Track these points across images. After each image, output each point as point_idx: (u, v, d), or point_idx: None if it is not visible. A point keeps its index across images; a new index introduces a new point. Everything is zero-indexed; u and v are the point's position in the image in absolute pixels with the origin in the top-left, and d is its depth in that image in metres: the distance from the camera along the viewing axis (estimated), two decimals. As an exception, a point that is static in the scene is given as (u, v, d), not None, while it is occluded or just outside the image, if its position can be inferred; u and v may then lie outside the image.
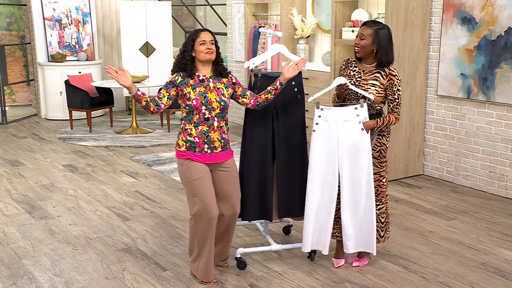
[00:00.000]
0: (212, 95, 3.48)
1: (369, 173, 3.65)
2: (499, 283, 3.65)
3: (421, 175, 6.06)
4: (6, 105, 9.95)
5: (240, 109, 8.69)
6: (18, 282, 3.68)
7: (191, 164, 3.47)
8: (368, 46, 3.67)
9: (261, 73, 3.78)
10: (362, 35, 3.68)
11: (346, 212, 3.69)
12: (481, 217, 4.83)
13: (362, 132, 3.63)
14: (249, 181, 3.82)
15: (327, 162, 3.68)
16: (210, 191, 3.46)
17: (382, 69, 3.71)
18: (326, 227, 3.73)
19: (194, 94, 3.45)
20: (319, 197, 3.71)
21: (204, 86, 3.49)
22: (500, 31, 5.17)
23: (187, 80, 3.49)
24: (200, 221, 3.46)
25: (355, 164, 3.65)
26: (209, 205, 3.43)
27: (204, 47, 3.45)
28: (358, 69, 3.77)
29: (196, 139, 3.47)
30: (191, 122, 3.48)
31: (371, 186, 3.67)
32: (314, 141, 3.68)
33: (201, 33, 3.49)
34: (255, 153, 3.80)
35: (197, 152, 3.48)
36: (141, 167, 6.44)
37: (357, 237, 3.74)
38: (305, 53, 6.92)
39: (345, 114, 3.64)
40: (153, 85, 8.20)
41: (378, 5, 6.08)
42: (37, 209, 5.08)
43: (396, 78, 3.69)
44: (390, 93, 3.69)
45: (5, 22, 10.62)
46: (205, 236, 3.50)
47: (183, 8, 11.82)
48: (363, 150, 3.63)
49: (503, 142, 5.29)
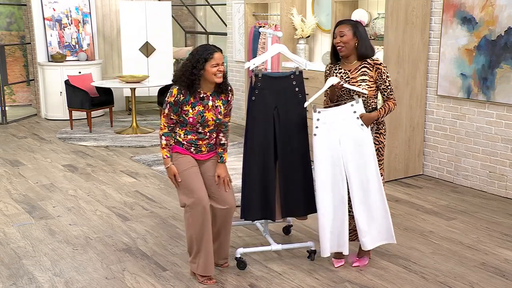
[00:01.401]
0: (209, 115, 3.51)
1: (376, 166, 3.66)
2: (499, 283, 3.65)
3: (421, 175, 6.06)
4: (6, 105, 9.95)
5: (241, 109, 8.69)
6: (18, 282, 3.68)
7: (179, 157, 3.53)
8: (350, 41, 3.70)
9: (261, 73, 3.78)
10: (342, 32, 3.71)
11: (358, 208, 3.68)
12: (481, 217, 4.83)
13: (362, 127, 3.63)
14: (251, 181, 3.82)
15: (333, 164, 3.67)
16: (199, 181, 3.52)
17: (366, 62, 3.73)
18: (343, 227, 3.71)
19: (192, 113, 3.47)
20: (331, 200, 3.69)
21: (203, 105, 3.49)
22: (500, 31, 5.17)
23: (188, 98, 3.46)
24: (195, 211, 3.48)
25: (360, 160, 3.65)
26: (199, 193, 3.48)
27: (216, 69, 3.42)
28: (343, 70, 3.79)
29: (185, 142, 3.56)
30: (182, 129, 3.54)
31: (379, 178, 3.68)
32: (317, 145, 3.66)
33: (215, 54, 3.41)
34: (257, 153, 3.81)
35: (184, 148, 3.57)
36: (141, 167, 6.44)
37: (372, 232, 3.73)
38: (305, 53, 6.92)
39: (342, 113, 3.65)
40: (153, 85, 8.20)
41: (378, 5, 6.08)
42: (37, 209, 5.08)
43: (382, 66, 3.72)
44: (381, 83, 3.71)
45: (5, 22, 10.62)
46: (201, 226, 3.50)
47: (183, 8, 11.82)
48: (365, 145, 3.64)
49: (503, 142, 5.29)
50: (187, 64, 3.44)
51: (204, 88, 3.50)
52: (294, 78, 3.82)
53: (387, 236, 3.79)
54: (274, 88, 3.78)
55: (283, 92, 3.79)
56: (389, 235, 3.79)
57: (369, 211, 3.71)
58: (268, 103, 3.78)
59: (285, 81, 3.81)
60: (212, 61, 3.40)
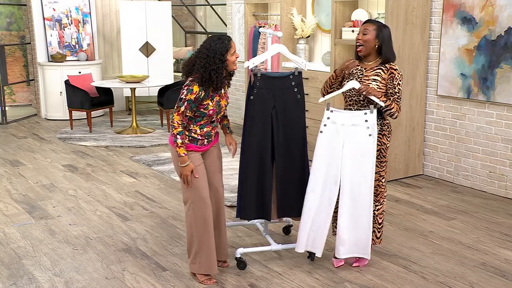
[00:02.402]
0: (223, 102, 3.58)
1: (371, 180, 3.62)
2: (499, 283, 3.64)
3: (421, 175, 6.06)
4: (6, 105, 9.95)
5: (240, 109, 8.69)
6: (18, 282, 3.68)
7: (190, 153, 3.54)
8: (371, 41, 3.67)
9: (260, 73, 3.78)
10: (366, 29, 3.68)
11: (343, 216, 3.67)
12: (481, 217, 4.83)
13: (369, 138, 3.59)
14: (248, 181, 3.82)
15: (330, 165, 3.65)
16: (205, 178, 3.56)
17: (383, 65, 3.72)
18: (323, 229, 3.71)
19: (212, 105, 3.49)
20: (319, 199, 3.69)
21: (219, 95, 3.54)
22: (500, 31, 5.17)
23: (208, 93, 3.44)
24: (198, 208, 3.51)
25: (357, 169, 3.62)
26: (205, 191, 3.52)
27: (235, 57, 3.45)
28: (360, 67, 3.78)
29: (199, 137, 3.56)
30: (197, 124, 3.53)
31: (371, 194, 3.64)
32: (320, 142, 3.66)
33: (231, 43, 3.43)
34: (254, 153, 3.81)
35: (198, 145, 3.57)
36: (141, 167, 6.44)
37: (351, 242, 3.71)
38: (305, 53, 6.92)
39: (354, 118, 3.61)
40: (153, 85, 8.20)
41: (378, 5, 6.08)
42: (37, 209, 5.08)
43: (397, 72, 3.69)
44: (390, 87, 3.68)
45: (5, 22, 10.62)
46: (204, 223, 3.52)
47: (183, 8, 11.82)
48: (367, 156, 3.60)
49: (503, 142, 5.29)
50: (208, 60, 3.36)
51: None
52: (293, 78, 3.81)
53: (363, 251, 3.75)
54: (273, 88, 3.78)
55: (281, 92, 3.79)
56: (366, 250, 3.74)
57: (353, 222, 3.67)
58: (266, 103, 3.77)
59: (284, 81, 3.80)
60: (231, 50, 3.42)
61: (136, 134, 8.08)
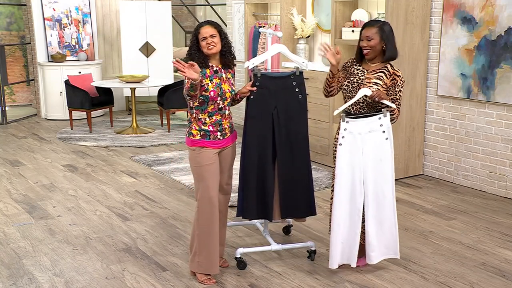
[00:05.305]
0: (225, 86, 3.59)
1: (392, 181, 3.65)
2: (499, 283, 3.65)
3: (421, 175, 6.06)
4: (6, 105, 9.95)
5: (240, 109, 8.69)
6: (18, 282, 3.68)
7: (203, 151, 3.56)
8: (377, 45, 3.65)
9: (260, 73, 3.77)
10: (369, 36, 3.63)
11: (370, 222, 3.65)
12: (481, 217, 4.83)
13: (386, 141, 3.60)
14: (249, 181, 3.82)
15: (354, 175, 3.63)
16: (216, 179, 3.57)
17: (386, 69, 3.69)
18: (354, 241, 3.67)
19: (212, 86, 3.52)
20: (348, 212, 3.65)
21: (219, 77, 3.57)
22: (500, 31, 5.17)
23: (204, 71, 3.53)
24: (204, 206, 3.53)
25: (379, 173, 3.63)
26: (213, 191, 3.54)
27: (205, 43, 3.50)
28: (362, 68, 3.75)
29: (210, 128, 3.57)
30: (205, 112, 3.56)
31: (393, 194, 3.67)
32: (341, 155, 3.61)
33: (201, 29, 3.52)
34: (255, 153, 3.80)
35: (211, 139, 3.58)
36: (141, 167, 6.44)
37: (381, 246, 3.72)
38: (305, 53, 6.92)
39: (369, 125, 3.60)
40: (153, 85, 8.20)
41: (378, 5, 6.08)
42: (37, 209, 5.08)
43: (399, 79, 3.67)
44: (392, 93, 3.67)
45: (5, 22, 10.62)
46: (209, 223, 3.54)
47: (183, 8, 11.82)
48: (385, 159, 3.62)
49: (503, 142, 5.29)
50: (191, 41, 3.59)
51: (213, 61, 3.59)
52: (294, 78, 3.81)
53: (393, 252, 3.78)
54: (274, 88, 3.78)
55: (283, 92, 3.79)
56: (395, 250, 3.78)
57: (380, 225, 3.68)
58: (267, 103, 3.77)
59: (285, 81, 3.80)
60: (199, 35, 3.51)
61: (136, 134, 8.08)
